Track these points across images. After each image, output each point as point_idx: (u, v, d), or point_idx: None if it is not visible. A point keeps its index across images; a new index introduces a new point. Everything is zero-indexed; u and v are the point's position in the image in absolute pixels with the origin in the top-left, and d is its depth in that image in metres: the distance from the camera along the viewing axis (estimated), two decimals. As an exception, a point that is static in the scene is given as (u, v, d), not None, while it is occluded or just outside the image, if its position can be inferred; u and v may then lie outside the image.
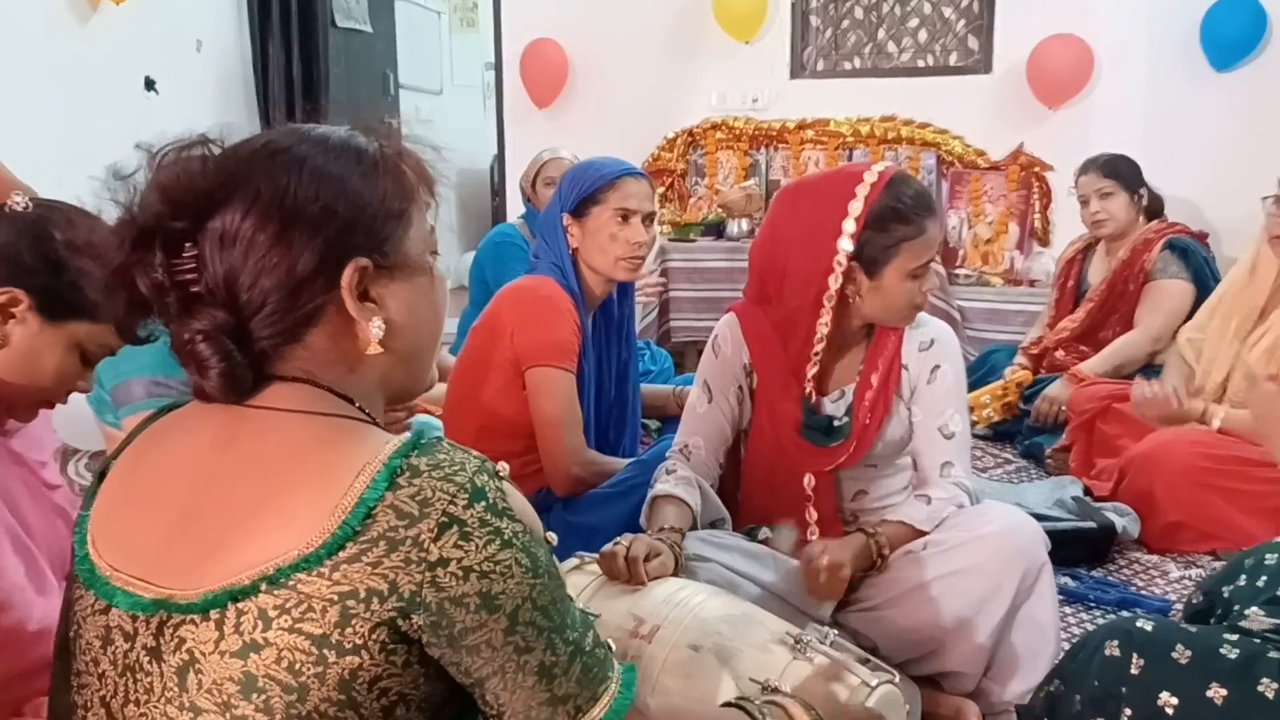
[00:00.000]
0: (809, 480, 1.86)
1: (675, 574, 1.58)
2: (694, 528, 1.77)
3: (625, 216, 2.13)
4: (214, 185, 0.85)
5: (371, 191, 0.89)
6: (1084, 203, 3.38)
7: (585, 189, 2.15)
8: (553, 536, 0.88)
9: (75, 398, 1.36)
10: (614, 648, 0.90)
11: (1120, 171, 3.32)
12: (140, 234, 0.84)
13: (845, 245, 1.73)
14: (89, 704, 0.85)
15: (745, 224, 4.47)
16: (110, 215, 0.88)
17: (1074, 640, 1.61)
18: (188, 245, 0.85)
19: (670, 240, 4.35)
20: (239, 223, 0.84)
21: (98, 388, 2.13)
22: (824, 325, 1.79)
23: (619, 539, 1.55)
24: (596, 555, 1.55)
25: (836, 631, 1.37)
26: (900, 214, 1.73)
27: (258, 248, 0.84)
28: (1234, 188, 3.02)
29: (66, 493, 1.43)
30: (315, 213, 0.85)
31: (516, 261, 3.27)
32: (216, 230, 0.84)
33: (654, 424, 2.70)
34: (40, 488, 1.37)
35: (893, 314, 1.81)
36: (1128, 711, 1.29)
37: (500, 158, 5.23)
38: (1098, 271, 3.44)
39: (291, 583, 0.77)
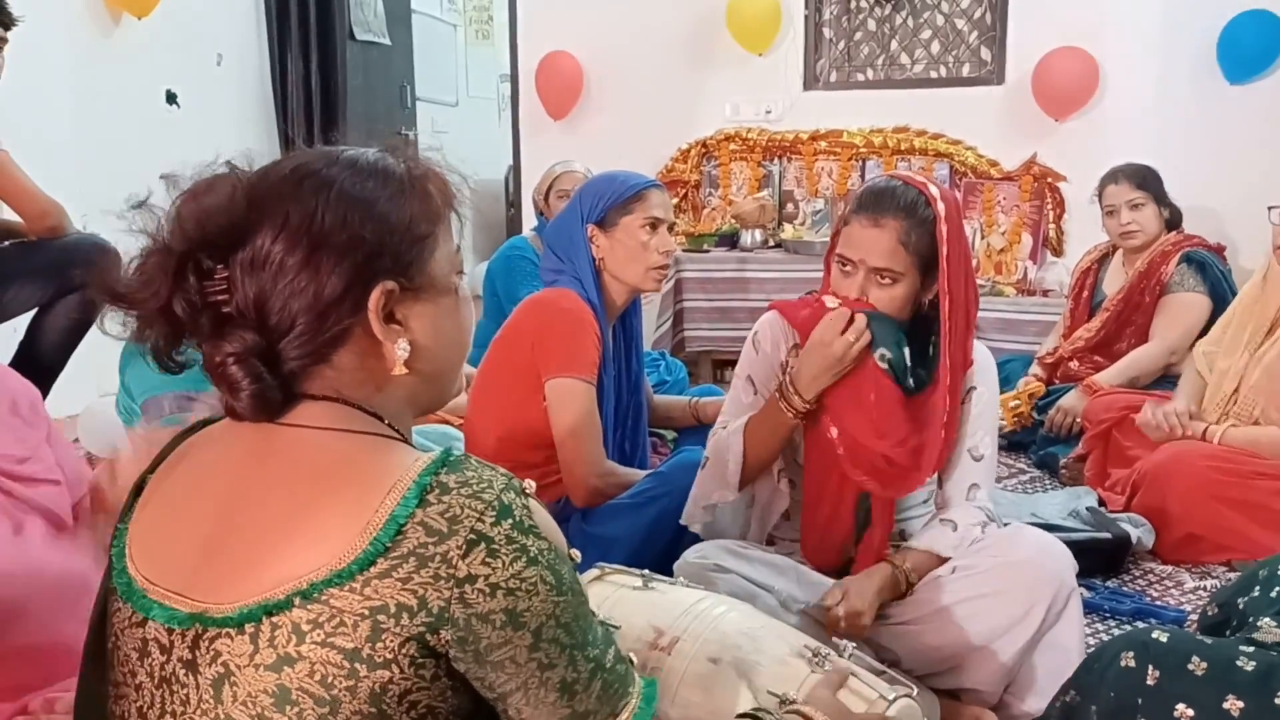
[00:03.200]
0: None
1: None
2: None
3: (654, 225, 2.16)
4: (245, 211, 0.86)
5: (399, 215, 0.90)
6: (1111, 213, 3.32)
7: (613, 200, 2.16)
8: (577, 554, 0.89)
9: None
10: (635, 661, 0.92)
11: (1149, 182, 3.29)
12: (179, 262, 0.85)
13: None
14: (126, 715, 0.87)
15: (759, 235, 4.48)
16: (128, 243, 0.89)
17: (1090, 651, 1.62)
18: (219, 268, 0.86)
19: (684, 251, 4.36)
20: (269, 246, 0.85)
21: (127, 398, 2.16)
22: None
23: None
24: (617, 566, 1.55)
25: (855, 645, 1.38)
26: None
27: (287, 271, 0.85)
28: (1252, 200, 3.01)
29: (50, 491, 1.44)
30: (343, 238, 0.86)
31: (527, 275, 3.28)
32: (247, 254, 0.85)
33: (670, 435, 2.70)
34: None
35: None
36: (1143, 723, 1.30)
37: (515, 169, 5.25)
38: (1113, 282, 3.42)
39: (324, 598, 0.78)
